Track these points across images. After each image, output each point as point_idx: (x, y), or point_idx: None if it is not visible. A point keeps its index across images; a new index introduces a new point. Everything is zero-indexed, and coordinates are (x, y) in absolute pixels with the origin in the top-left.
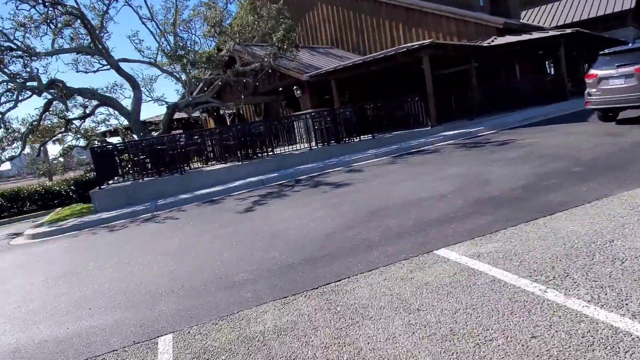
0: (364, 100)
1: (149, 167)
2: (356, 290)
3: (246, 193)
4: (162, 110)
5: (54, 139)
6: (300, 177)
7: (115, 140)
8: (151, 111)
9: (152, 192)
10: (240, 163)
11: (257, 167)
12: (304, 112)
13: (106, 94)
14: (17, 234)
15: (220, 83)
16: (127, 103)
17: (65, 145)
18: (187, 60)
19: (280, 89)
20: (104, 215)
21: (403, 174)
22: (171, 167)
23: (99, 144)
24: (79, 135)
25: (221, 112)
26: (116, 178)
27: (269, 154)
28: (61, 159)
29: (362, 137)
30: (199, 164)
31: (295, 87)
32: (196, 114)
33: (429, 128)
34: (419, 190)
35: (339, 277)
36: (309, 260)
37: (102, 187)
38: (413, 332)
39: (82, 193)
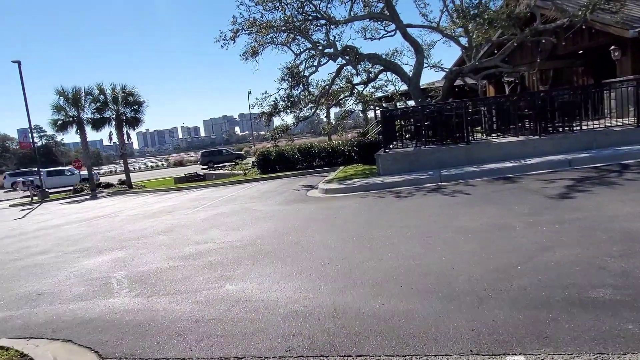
0: None
1: (432, 134)
2: None
3: (549, 174)
4: (436, 77)
5: (335, 102)
6: (626, 162)
7: (387, 106)
8: (424, 78)
9: (434, 161)
10: (536, 137)
11: (558, 143)
12: (622, 79)
13: (389, 59)
14: (311, 187)
15: (515, 44)
16: (405, 70)
17: (347, 108)
18: (483, 19)
19: (580, 51)
20: (388, 179)
21: None
22: (455, 136)
23: (377, 108)
24: (358, 100)
25: (505, 79)
26: (394, 143)
27: (575, 129)
28: (340, 121)
29: None
30: (482, 135)
31: (612, 48)
32: (471, 81)
33: None
34: None
35: None
36: None
37: (386, 150)
38: None
39: (362, 154)
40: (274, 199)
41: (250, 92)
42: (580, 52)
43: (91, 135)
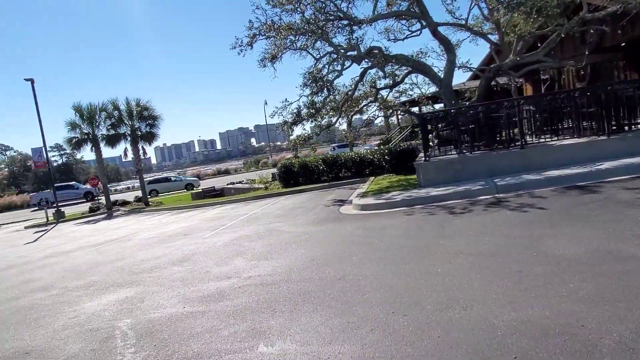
0: None
1: (478, 138)
2: None
3: (633, 180)
4: (462, 77)
5: (358, 109)
6: None
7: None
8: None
9: (483, 169)
10: (604, 137)
11: (632, 144)
12: None
13: (418, 60)
14: (342, 202)
15: (563, 35)
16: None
17: (370, 114)
18: (530, 7)
19: (623, 44)
20: (433, 191)
21: None
22: (506, 140)
23: (402, 114)
24: (382, 105)
25: (541, 76)
26: (435, 150)
27: None
28: (364, 128)
29: None
30: (531, 137)
31: None
32: (503, 80)
33: None
34: None
35: None
36: None
37: (427, 158)
38: None
39: (394, 163)
40: (302, 218)
41: (266, 103)
42: (623, 44)
43: (108, 151)
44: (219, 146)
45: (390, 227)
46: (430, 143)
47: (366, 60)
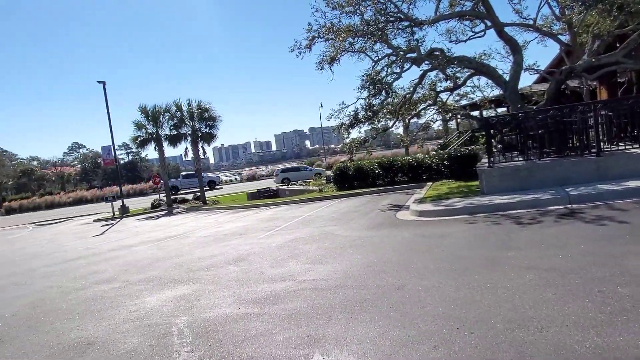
0: None
1: (548, 144)
2: None
3: None
4: (528, 81)
5: (415, 112)
6: None
7: (474, 114)
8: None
9: (552, 177)
10: None
11: None
12: None
13: (482, 61)
14: (398, 207)
15: None
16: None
17: (428, 118)
18: (610, 4)
19: None
20: (497, 199)
21: None
22: (579, 146)
23: (462, 118)
24: (441, 109)
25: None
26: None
27: None
28: (422, 132)
29: None
30: (607, 144)
31: None
32: (573, 84)
33: None
34: None
35: None
36: None
37: (491, 164)
38: None
39: (454, 169)
40: (358, 222)
41: (321, 106)
42: None
43: (169, 151)
44: (274, 148)
45: (450, 235)
46: (493, 149)
47: (426, 62)
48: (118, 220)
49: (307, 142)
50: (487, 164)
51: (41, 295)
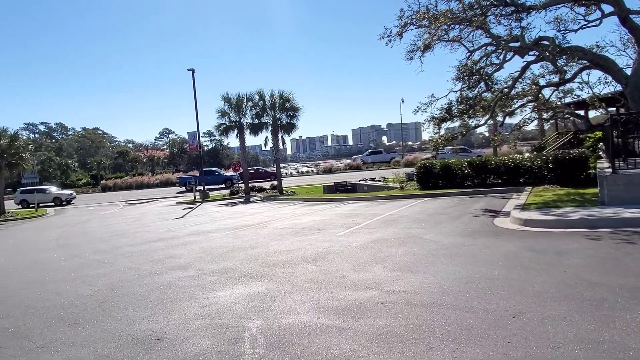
0: None
1: None
2: None
3: None
4: None
5: (509, 110)
6: None
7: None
8: None
9: None
10: None
11: None
12: None
13: (599, 53)
14: (494, 212)
15: None
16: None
17: (526, 116)
18: None
19: None
20: (624, 212)
21: None
22: None
23: (568, 117)
24: (543, 106)
25: None
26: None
27: None
28: (517, 131)
29: None
30: None
31: None
32: None
33: None
34: None
35: None
36: None
37: (615, 170)
38: None
39: (560, 173)
40: (448, 226)
41: (403, 101)
42: None
43: (250, 140)
44: (350, 142)
45: (570, 253)
46: (601, 153)
47: (530, 52)
48: (198, 204)
49: (384, 138)
50: (608, 170)
51: (120, 276)
